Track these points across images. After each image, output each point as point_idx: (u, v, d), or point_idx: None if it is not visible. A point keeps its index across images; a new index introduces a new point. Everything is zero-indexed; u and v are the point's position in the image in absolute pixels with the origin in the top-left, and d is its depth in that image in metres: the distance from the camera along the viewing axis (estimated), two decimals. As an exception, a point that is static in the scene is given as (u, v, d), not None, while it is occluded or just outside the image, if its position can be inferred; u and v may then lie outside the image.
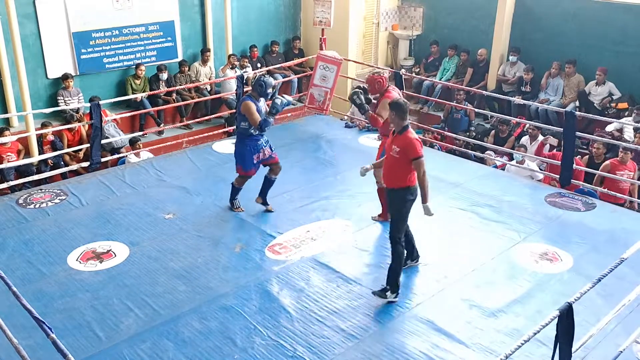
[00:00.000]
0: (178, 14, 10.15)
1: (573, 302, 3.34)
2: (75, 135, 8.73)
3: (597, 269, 4.59)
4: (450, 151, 8.60)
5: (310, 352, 4.19)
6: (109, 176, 7.10)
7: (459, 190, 6.75)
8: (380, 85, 5.80)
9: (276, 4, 11.46)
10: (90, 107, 7.27)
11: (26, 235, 5.74)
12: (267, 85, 5.76)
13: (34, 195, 6.58)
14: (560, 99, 9.68)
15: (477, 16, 10.95)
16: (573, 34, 9.82)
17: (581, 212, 6.31)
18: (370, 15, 12.07)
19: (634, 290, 3.93)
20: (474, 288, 4.95)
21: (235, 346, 4.24)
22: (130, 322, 4.49)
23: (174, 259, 5.31)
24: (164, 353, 4.17)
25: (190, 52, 10.48)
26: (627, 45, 9.25)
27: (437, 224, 6.04)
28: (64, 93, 8.99)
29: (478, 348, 4.24)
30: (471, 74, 10.76)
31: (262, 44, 11.28)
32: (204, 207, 6.33)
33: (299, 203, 6.33)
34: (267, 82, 5.77)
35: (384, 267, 5.24)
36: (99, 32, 9.38)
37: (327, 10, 9.79)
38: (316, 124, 8.82)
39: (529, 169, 7.66)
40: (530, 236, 5.77)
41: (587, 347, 3.93)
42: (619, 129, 8.57)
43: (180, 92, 9.98)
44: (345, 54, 10.32)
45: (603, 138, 7.91)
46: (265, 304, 4.72)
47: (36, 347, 4.04)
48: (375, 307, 4.69)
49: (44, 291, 4.85)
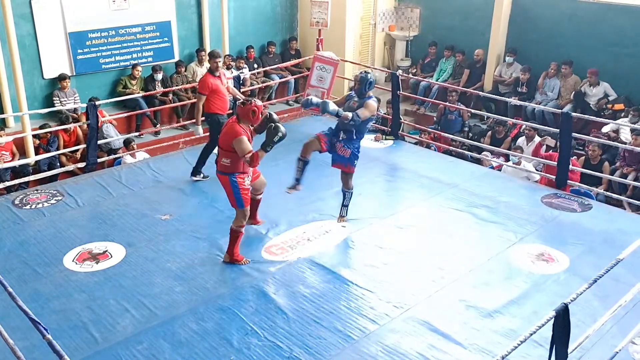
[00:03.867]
0: (175, 15, 10.14)
1: (569, 302, 3.35)
2: (72, 136, 8.71)
3: (593, 270, 4.60)
4: (447, 152, 8.61)
5: (306, 353, 4.18)
6: (105, 177, 7.09)
7: (456, 191, 6.76)
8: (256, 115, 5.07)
9: (273, 5, 11.45)
10: (87, 107, 7.25)
11: (22, 235, 5.72)
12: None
13: (30, 196, 6.56)
14: (557, 99, 9.70)
15: (473, 17, 10.96)
16: (569, 35, 9.84)
17: (577, 213, 6.32)
18: (367, 16, 12.07)
19: (630, 291, 3.94)
20: (470, 289, 4.95)
21: (231, 347, 4.24)
22: (127, 323, 4.48)
23: (170, 259, 5.31)
24: (160, 354, 4.16)
25: (186, 52, 10.47)
26: (623, 47, 9.27)
27: (434, 225, 6.06)
28: (60, 94, 8.97)
29: (474, 349, 4.25)
30: (468, 74, 10.77)
31: (258, 45, 11.28)
32: (200, 208, 6.33)
33: (295, 204, 6.33)
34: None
35: (380, 267, 5.25)
36: (95, 32, 9.36)
37: (324, 11, 9.79)
38: (313, 125, 8.80)
39: (525, 169, 7.68)
40: (527, 237, 5.78)
41: (583, 347, 3.93)
42: (615, 130, 8.60)
43: (177, 92, 9.97)
44: (342, 55, 10.32)
45: (599, 139, 7.93)
46: (262, 305, 4.71)
47: (32, 348, 4.03)
48: (372, 308, 4.69)
49: (40, 292, 4.83)
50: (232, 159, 5.04)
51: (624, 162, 8.10)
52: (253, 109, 5.02)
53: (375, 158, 7.73)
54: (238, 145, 4.94)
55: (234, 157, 5.01)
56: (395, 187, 7.15)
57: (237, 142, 4.95)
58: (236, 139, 4.96)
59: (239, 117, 5.07)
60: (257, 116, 5.08)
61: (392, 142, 8.28)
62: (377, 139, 8.31)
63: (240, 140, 4.94)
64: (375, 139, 8.32)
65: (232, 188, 5.08)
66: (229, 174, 5.08)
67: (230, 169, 5.08)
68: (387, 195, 6.96)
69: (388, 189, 7.11)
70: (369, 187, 6.91)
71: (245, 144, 4.95)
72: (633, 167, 7.95)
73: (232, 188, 5.08)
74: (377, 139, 8.32)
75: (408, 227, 5.96)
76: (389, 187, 7.14)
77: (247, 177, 5.18)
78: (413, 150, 8.24)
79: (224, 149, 5.07)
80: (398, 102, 8.40)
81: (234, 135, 4.98)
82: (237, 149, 4.96)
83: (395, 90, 8.27)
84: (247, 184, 5.16)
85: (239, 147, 4.94)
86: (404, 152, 8.05)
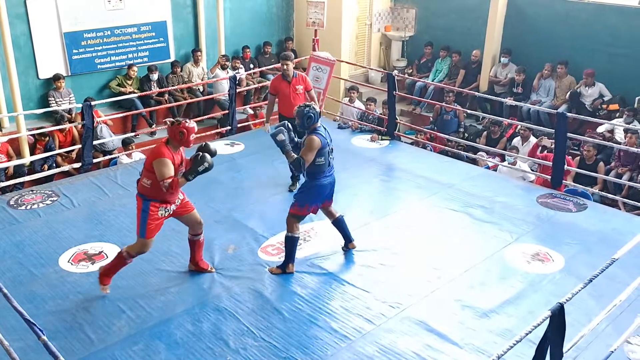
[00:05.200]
0: (170, 15, 10.13)
1: (564, 302, 3.36)
2: (67, 136, 8.69)
3: (588, 270, 4.62)
4: (443, 152, 8.63)
5: (302, 354, 4.18)
6: (100, 177, 7.07)
7: (451, 191, 6.77)
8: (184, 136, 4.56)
9: (269, 5, 11.46)
10: (82, 107, 7.24)
11: (17, 236, 5.70)
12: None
13: (25, 197, 6.54)
14: (552, 100, 9.73)
15: (469, 18, 10.99)
16: (564, 35, 9.87)
17: (573, 212, 6.34)
18: (363, 17, 12.09)
19: (625, 291, 3.95)
20: (466, 289, 4.96)
21: (227, 347, 4.23)
22: (122, 323, 4.47)
23: (166, 260, 5.30)
24: (156, 355, 4.16)
25: (182, 52, 10.46)
26: (618, 47, 9.30)
27: (430, 225, 6.06)
28: (55, 94, 8.95)
29: (470, 348, 4.26)
30: (463, 75, 10.80)
31: (254, 45, 11.28)
32: (196, 208, 6.30)
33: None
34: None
35: (376, 267, 5.26)
36: (90, 32, 9.35)
37: (320, 12, 9.80)
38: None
39: (520, 170, 7.70)
40: (522, 237, 5.80)
41: (579, 347, 3.94)
42: (610, 130, 8.63)
43: (173, 92, 9.96)
44: (338, 55, 10.33)
45: (594, 139, 7.95)
46: (258, 305, 4.71)
47: (27, 349, 4.02)
48: (368, 308, 4.69)
49: (35, 293, 4.82)
50: (153, 181, 4.48)
51: (619, 162, 8.14)
52: (182, 130, 4.47)
53: (371, 158, 7.74)
54: (157, 167, 4.42)
55: (155, 179, 4.46)
56: (391, 187, 7.16)
57: (157, 163, 4.43)
58: (157, 160, 4.43)
59: (169, 138, 4.55)
60: (187, 138, 4.51)
61: (388, 142, 8.29)
62: (373, 139, 8.32)
63: (161, 162, 4.42)
64: (372, 139, 8.33)
65: (141, 213, 4.55)
66: (145, 198, 4.54)
67: (148, 193, 4.53)
68: (383, 195, 6.97)
69: (384, 189, 7.12)
70: (365, 187, 6.92)
71: (166, 168, 4.41)
72: (628, 167, 7.99)
73: (141, 213, 4.55)
74: (373, 139, 8.33)
75: (404, 227, 5.97)
76: (384, 188, 7.15)
77: (165, 209, 4.62)
78: (409, 151, 8.25)
79: (146, 168, 4.54)
80: (394, 102, 8.41)
81: (156, 155, 4.47)
82: (156, 171, 4.42)
83: (391, 91, 8.28)
84: (161, 214, 4.60)
85: (158, 170, 4.41)
86: (399, 152, 8.06)
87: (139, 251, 4.67)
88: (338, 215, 5.36)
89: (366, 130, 8.63)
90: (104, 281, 4.76)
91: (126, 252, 4.67)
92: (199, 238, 5.00)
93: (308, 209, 5.04)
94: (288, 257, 5.11)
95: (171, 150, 4.53)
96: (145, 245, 4.64)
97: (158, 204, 4.56)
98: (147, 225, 4.55)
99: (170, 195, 4.57)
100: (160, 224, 4.67)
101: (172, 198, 4.63)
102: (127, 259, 4.68)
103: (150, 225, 4.56)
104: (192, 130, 4.54)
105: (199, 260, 5.11)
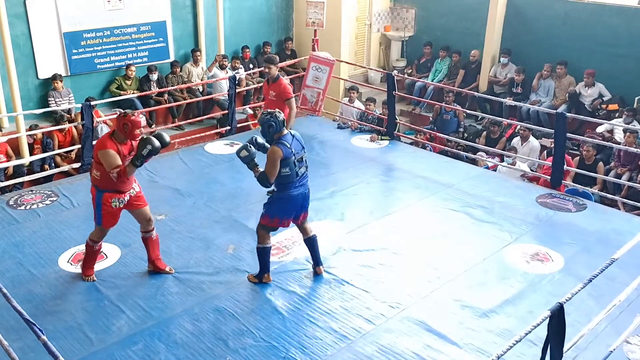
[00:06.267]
0: (170, 15, 10.14)
1: (564, 302, 3.36)
2: (67, 136, 8.69)
3: (587, 270, 4.62)
4: (442, 152, 8.63)
5: (302, 353, 4.18)
6: (100, 177, 7.06)
7: (451, 191, 6.77)
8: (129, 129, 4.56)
9: (268, 5, 11.46)
10: (82, 107, 7.24)
11: (17, 236, 5.70)
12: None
13: (24, 197, 6.54)
14: (552, 100, 9.73)
15: (469, 18, 11.00)
16: (564, 36, 9.88)
17: (572, 212, 6.34)
18: (362, 17, 12.09)
19: (625, 291, 3.95)
20: (466, 289, 4.96)
21: (227, 347, 4.23)
22: (122, 323, 4.47)
23: (165, 260, 5.28)
24: (155, 355, 4.15)
25: (182, 52, 10.46)
26: (617, 47, 9.31)
27: (430, 225, 6.06)
28: (54, 94, 8.95)
29: (470, 348, 4.26)
30: (463, 75, 10.80)
31: (254, 45, 11.28)
32: (196, 208, 6.32)
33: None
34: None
35: (376, 267, 5.26)
36: (90, 32, 9.35)
37: (320, 12, 9.80)
38: (308, 125, 8.81)
39: (520, 170, 7.70)
40: (522, 237, 5.80)
41: (578, 347, 3.95)
42: (609, 130, 8.63)
43: (172, 93, 9.96)
44: (338, 55, 10.33)
45: (593, 139, 7.96)
46: (258, 305, 4.71)
47: (27, 349, 4.02)
48: (368, 308, 4.69)
49: (35, 293, 4.82)
50: (102, 173, 4.54)
51: (619, 162, 8.14)
52: (126, 122, 4.48)
53: (371, 158, 7.74)
54: (103, 158, 4.46)
55: (104, 170, 4.52)
56: (391, 187, 7.16)
57: (102, 155, 4.48)
58: (101, 151, 4.48)
59: (115, 129, 4.59)
60: (132, 131, 4.52)
61: (388, 142, 8.29)
62: (372, 139, 8.32)
63: (106, 153, 4.46)
64: (371, 139, 8.33)
65: (96, 203, 4.66)
66: (98, 189, 4.63)
67: (99, 183, 4.61)
68: (383, 195, 6.97)
69: (383, 189, 7.11)
70: (365, 187, 6.92)
71: (112, 158, 4.45)
72: (627, 167, 7.99)
73: (96, 203, 4.66)
74: (372, 139, 8.33)
75: (403, 227, 5.97)
76: (384, 188, 7.15)
77: (119, 200, 4.66)
78: (408, 151, 8.25)
79: (94, 160, 4.62)
80: (394, 102, 8.41)
81: (100, 147, 4.52)
82: (103, 162, 4.47)
83: (390, 91, 8.28)
84: (115, 206, 4.65)
85: (104, 161, 4.46)
86: (399, 152, 8.06)
87: (100, 236, 4.84)
88: (312, 234, 5.02)
89: (366, 130, 8.63)
90: (86, 272, 4.98)
91: (90, 240, 4.84)
92: (151, 235, 4.99)
93: (279, 221, 4.79)
94: (262, 268, 4.94)
95: (115, 141, 4.56)
96: (101, 232, 4.83)
97: (111, 194, 4.63)
98: (103, 214, 4.69)
99: (122, 184, 4.62)
100: (117, 215, 4.76)
101: (125, 187, 4.68)
102: (94, 246, 4.85)
103: (105, 214, 4.69)
104: (138, 124, 4.54)
105: (155, 259, 5.05)
